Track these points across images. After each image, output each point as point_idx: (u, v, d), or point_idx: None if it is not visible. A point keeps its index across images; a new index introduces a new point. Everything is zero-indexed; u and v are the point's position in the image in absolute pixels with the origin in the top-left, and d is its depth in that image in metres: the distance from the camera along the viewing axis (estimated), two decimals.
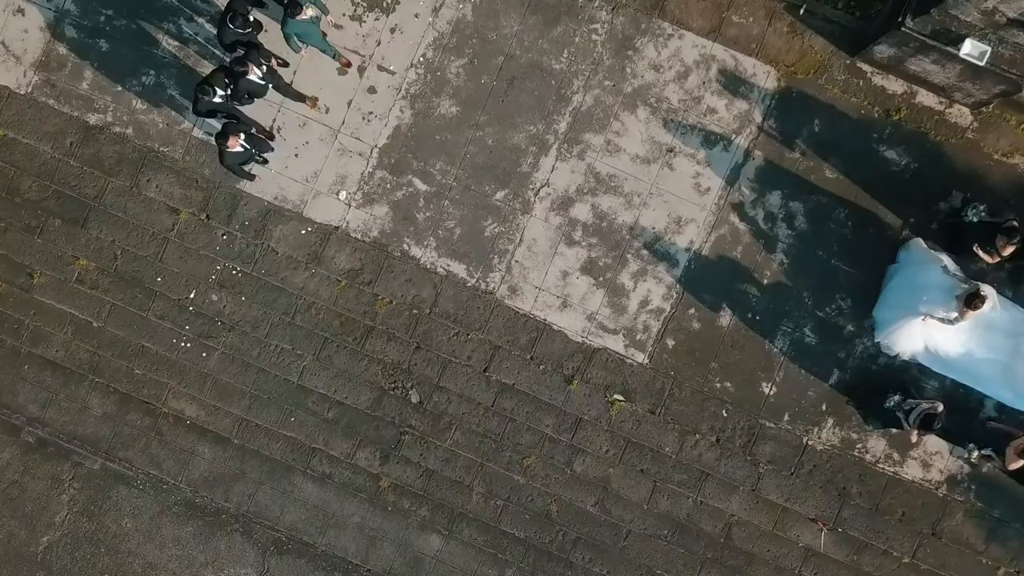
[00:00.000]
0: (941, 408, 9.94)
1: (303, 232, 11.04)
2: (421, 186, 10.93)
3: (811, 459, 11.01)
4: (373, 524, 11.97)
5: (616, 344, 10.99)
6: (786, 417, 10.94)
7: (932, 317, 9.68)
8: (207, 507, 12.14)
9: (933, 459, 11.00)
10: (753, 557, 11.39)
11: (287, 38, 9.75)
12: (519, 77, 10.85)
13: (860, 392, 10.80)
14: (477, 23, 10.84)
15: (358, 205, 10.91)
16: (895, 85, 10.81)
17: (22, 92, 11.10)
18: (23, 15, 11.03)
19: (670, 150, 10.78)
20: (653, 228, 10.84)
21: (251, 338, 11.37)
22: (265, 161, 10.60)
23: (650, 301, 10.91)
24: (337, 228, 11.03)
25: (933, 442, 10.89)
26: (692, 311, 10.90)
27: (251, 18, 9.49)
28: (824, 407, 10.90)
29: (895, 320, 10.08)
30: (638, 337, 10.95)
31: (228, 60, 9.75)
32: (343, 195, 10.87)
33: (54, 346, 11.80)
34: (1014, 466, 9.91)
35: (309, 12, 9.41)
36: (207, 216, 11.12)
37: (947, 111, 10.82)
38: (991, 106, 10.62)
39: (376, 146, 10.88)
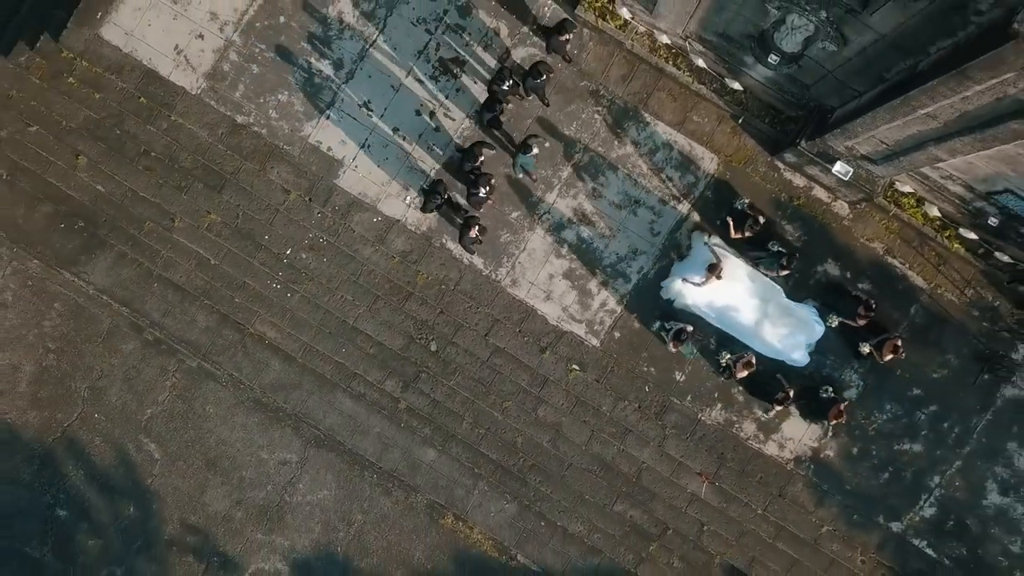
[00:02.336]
0: (691, 329, 14.60)
1: (374, 220, 15.66)
2: (461, 201, 15.54)
3: (702, 429, 15.66)
4: (388, 435, 16.51)
5: (579, 330, 15.63)
6: (689, 398, 15.59)
7: (688, 280, 14.33)
8: (270, 405, 16.67)
9: (787, 443, 15.66)
10: (654, 495, 16.00)
11: (514, 166, 14.68)
12: (540, 136, 15.45)
13: None
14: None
15: (416, 207, 15.52)
16: (799, 180, 15.45)
17: (193, 92, 15.67)
18: (202, 39, 15.62)
19: (636, 201, 15.42)
20: (616, 254, 15.49)
21: (325, 288, 15.95)
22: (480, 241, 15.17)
23: (607, 304, 15.55)
24: (398, 221, 15.65)
25: (788, 430, 15.56)
26: (635, 315, 15.54)
27: (481, 156, 14.34)
28: (716, 395, 15.55)
29: (672, 277, 14.84)
30: (595, 327, 15.60)
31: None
32: (407, 199, 15.49)
33: (179, 273, 16.33)
34: (740, 375, 14.74)
35: (535, 150, 14.17)
36: (309, 198, 15.73)
37: (832, 204, 15.47)
38: (862, 205, 15.27)
39: (435, 167, 15.49)
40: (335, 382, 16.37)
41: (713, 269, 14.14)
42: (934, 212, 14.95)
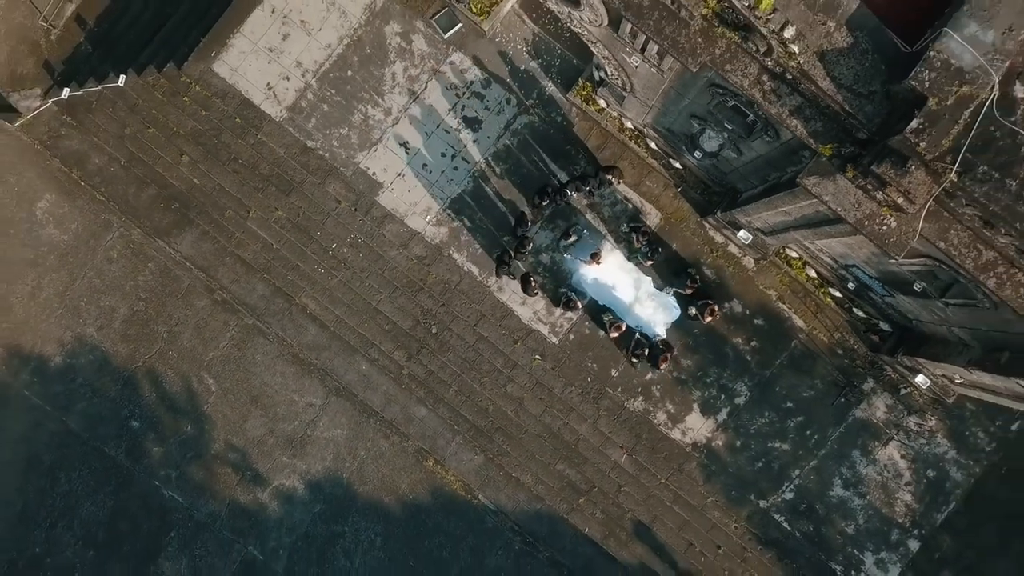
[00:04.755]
0: (585, 301, 19.69)
1: (401, 230, 20.84)
2: (467, 223, 20.74)
3: (626, 413, 20.88)
4: (391, 393, 21.62)
5: (544, 330, 20.84)
6: (620, 389, 20.82)
7: (576, 259, 19.57)
8: (304, 360, 21.77)
9: (688, 431, 20.88)
10: (586, 460, 21.18)
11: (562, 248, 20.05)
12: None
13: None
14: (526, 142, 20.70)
15: (433, 224, 20.74)
16: (719, 237, 20.68)
17: (276, 119, 20.84)
18: (288, 80, 20.80)
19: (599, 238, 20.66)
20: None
21: (358, 276, 21.11)
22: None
23: (566, 312, 20.75)
24: (419, 233, 20.83)
25: (691, 422, 20.79)
26: (587, 323, 20.75)
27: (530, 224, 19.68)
28: (639, 390, 20.77)
29: (564, 252, 20.04)
30: (556, 329, 20.82)
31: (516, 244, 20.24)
32: (427, 217, 20.70)
33: (248, 251, 21.44)
34: (613, 335, 19.83)
35: (573, 238, 19.42)
36: (355, 208, 20.90)
37: (742, 258, 20.71)
38: (763, 261, 20.51)
39: (451, 196, 20.70)
40: (356, 348, 21.46)
41: (595, 256, 19.46)
42: (813, 273, 20.20)
